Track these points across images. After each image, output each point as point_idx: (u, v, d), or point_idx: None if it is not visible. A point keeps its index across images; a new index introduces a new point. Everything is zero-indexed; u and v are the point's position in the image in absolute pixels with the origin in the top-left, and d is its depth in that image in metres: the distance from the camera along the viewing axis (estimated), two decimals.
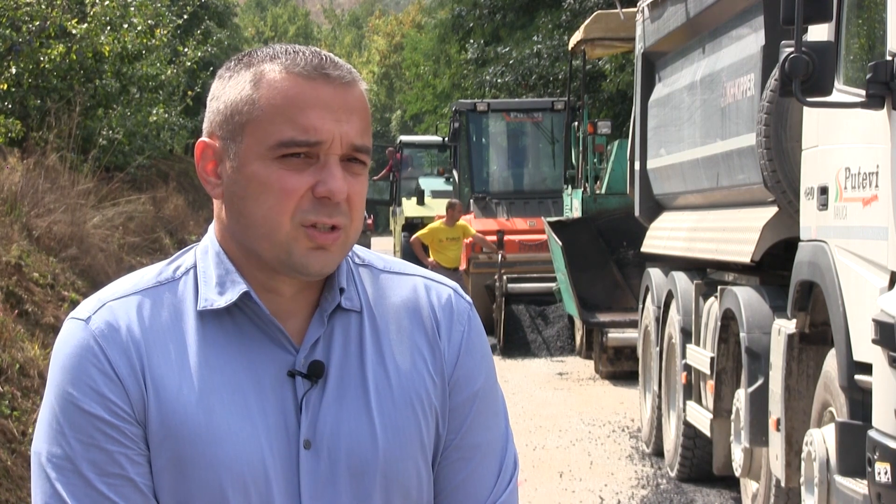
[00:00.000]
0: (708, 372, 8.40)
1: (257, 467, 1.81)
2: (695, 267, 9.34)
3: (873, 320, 5.27)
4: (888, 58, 5.38)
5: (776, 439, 6.86)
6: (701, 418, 8.65)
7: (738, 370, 7.98)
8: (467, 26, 33.01)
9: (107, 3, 15.35)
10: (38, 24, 14.33)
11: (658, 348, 10.16)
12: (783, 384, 6.72)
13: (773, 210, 7.30)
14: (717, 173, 8.36)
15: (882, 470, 5.18)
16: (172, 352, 1.83)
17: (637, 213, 10.83)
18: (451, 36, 35.06)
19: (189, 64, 19.32)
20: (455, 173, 21.05)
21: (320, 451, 1.84)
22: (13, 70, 14.29)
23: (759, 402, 7.20)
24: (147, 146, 18.73)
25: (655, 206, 10.56)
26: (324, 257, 1.83)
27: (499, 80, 28.82)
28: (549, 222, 15.44)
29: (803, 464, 6.36)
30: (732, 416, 7.82)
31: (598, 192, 16.12)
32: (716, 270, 9.00)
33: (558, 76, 27.26)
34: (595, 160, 16.57)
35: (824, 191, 6.19)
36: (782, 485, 6.85)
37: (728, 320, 8.01)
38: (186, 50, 19.48)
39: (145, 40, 16.25)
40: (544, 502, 8.95)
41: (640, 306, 11.04)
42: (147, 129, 18.04)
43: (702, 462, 9.25)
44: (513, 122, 20.91)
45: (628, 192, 11.46)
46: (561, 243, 14.58)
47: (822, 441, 6.07)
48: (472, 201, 19.65)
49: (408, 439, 1.88)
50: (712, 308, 8.56)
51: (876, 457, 5.23)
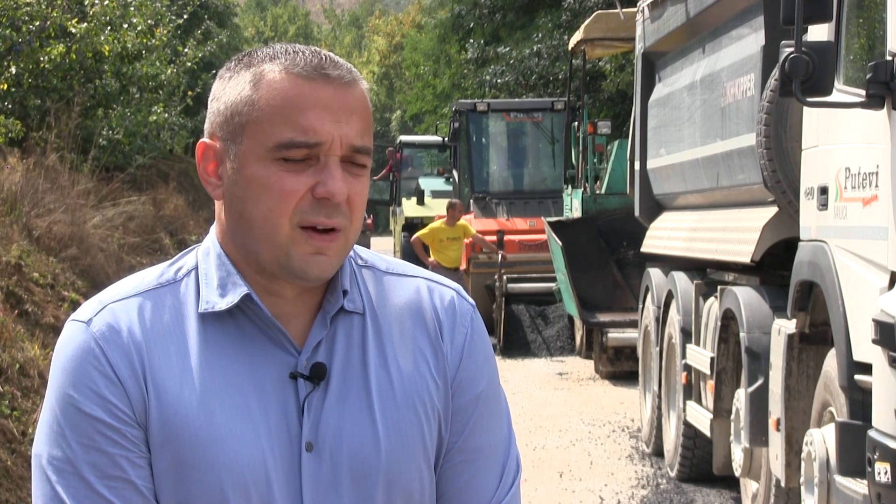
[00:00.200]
0: (708, 372, 8.39)
1: (258, 469, 1.80)
2: (695, 267, 9.33)
3: (873, 320, 5.27)
4: (888, 58, 5.38)
5: (776, 439, 6.86)
6: (701, 418, 8.65)
7: (738, 370, 7.98)
8: (467, 26, 32.99)
9: (107, 2, 15.33)
10: (38, 24, 14.32)
11: (658, 348, 10.16)
12: (783, 384, 6.72)
13: (773, 210, 7.29)
14: (717, 173, 8.36)
15: (882, 470, 5.18)
16: (174, 354, 1.83)
17: (637, 213, 10.82)
18: (451, 36, 35.05)
19: (189, 64, 19.31)
20: (455, 173, 21.04)
21: (322, 454, 1.83)
22: (13, 70, 14.27)
23: (759, 402, 7.19)
24: (147, 146, 18.71)
25: (655, 206, 10.56)
26: (322, 262, 1.82)
27: (499, 80, 28.81)
28: (549, 222, 15.43)
29: (803, 464, 6.35)
30: (732, 416, 7.82)
31: (598, 192, 16.11)
32: (716, 270, 9.00)
33: (558, 76, 27.25)
34: (595, 160, 16.56)
35: (824, 191, 6.19)
36: (782, 485, 6.84)
37: (728, 320, 8.00)
38: (186, 50, 19.47)
39: (145, 40, 16.24)
40: (544, 502, 8.95)
41: (640, 306, 11.03)
42: (147, 129, 18.02)
43: (702, 462, 9.25)
44: (513, 122, 20.89)
45: (628, 192, 11.45)
46: (561, 243, 14.57)
47: (822, 441, 6.07)
48: (472, 201, 19.63)
49: (410, 442, 1.87)
50: (712, 308, 8.55)
51: (876, 457, 5.23)
